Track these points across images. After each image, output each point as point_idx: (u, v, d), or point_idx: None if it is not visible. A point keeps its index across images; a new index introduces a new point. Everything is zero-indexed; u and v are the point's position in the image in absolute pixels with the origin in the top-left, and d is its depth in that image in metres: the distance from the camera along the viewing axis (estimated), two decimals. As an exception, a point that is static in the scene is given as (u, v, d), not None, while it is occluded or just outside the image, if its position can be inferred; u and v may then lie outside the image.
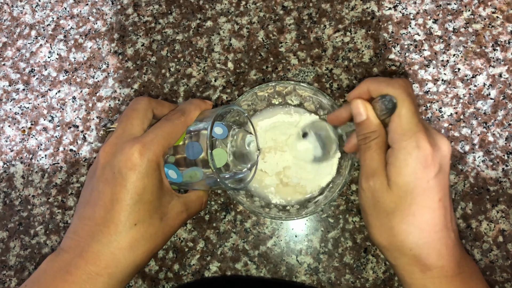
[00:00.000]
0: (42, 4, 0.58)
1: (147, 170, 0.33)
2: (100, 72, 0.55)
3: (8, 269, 0.51)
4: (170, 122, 0.35)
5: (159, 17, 0.56)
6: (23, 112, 0.55)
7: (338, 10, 0.53)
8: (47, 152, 0.53)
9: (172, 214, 0.36)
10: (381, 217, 0.34)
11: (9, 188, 0.53)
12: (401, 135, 0.32)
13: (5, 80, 0.56)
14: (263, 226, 0.48)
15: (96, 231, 0.33)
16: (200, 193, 0.40)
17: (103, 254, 0.33)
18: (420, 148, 0.32)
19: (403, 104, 0.33)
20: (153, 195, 0.34)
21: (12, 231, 0.52)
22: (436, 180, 0.32)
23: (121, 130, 0.35)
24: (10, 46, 0.57)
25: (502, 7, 0.51)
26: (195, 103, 0.38)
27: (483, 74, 0.49)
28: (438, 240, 0.33)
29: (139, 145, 0.33)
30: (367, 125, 0.35)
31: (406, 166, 0.32)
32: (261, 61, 0.52)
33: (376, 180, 0.34)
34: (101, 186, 0.34)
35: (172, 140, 0.35)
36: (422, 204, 0.32)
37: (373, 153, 0.34)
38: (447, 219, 0.33)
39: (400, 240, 0.33)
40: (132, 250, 0.33)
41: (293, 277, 0.47)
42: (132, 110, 0.37)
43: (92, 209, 0.34)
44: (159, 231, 0.35)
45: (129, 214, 0.33)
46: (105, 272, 0.33)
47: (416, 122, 0.32)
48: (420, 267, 0.33)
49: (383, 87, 0.34)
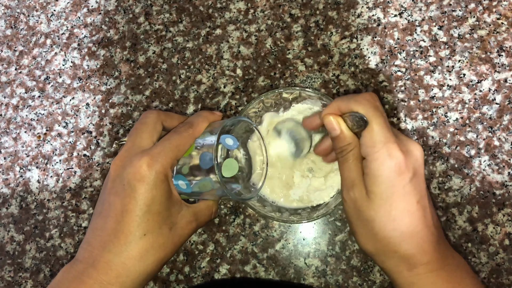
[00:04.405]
0: (57, 13, 0.60)
1: (155, 182, 0.34)
2: (112, 79, 0.56)
3: (24, 271, 0.52)
4: (177, 135, 0.36)
5: (169, 25, 0.57)
6: (39, 118, 0.57)
7: (344, 17, 0.54)
8: (61, 157, 0.55)
9: (182, 224, 0.37)
10: (364, 225, 0.35)
11: (25, 192, 0.55)
12: (372, 148, 0.34)
13: (22, 87, 0.58)
14: (272, 230, 0.49)
15: (107, 242, 0.34)
16: (209, 203, 0.41)
17: (114, 263, 0.34)
18: (392, 157, 0.33)
19: (372, 119, 0.34)
20: (161, 205, 0.35)
21: (28, 234, 0.53)
22: (411, 184, 0.34)
23: (130, 144, 0.37)
24: (26, 55, 0.59)
25: (507, 13, 0.51)
26: (203, 115, 0.39)
27: (488, 80, 0.50)
28: (420, 238, 0.34)
29: (147, 158, 0.34)
30: (342, 138, 0.36)
31: (381, 176, 0.33)
32: (269, 68, 0.54)
33: (355, 190, 0.35)
34: (112, 198, 0.35)
35: (180, 152, 0.36)
36: (401, 209, 0.33)
37: (351, 165, 0.36)
38: (427, 218, 0.34)
39: (384, 245, 0.34)
40: (142, 259, 0.34)
41: (301, 280, 0.48)
42: (142, 123, 0.38)
43: (104, 220, 0.35)
44: (168, 240, 0.36)
45: (139, 224, 0.34)
46: (116, 281, 0.34)
47: (386, 133, 0.34)
48: (406, 267, 0.34)
49: (352, 105, 0.35)
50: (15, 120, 0.57)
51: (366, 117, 0.34)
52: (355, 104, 0.35)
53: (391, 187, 0.33)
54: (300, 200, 0.47)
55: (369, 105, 0.35)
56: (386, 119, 0.35)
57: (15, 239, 0.54)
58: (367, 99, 0.35)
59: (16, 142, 0.57)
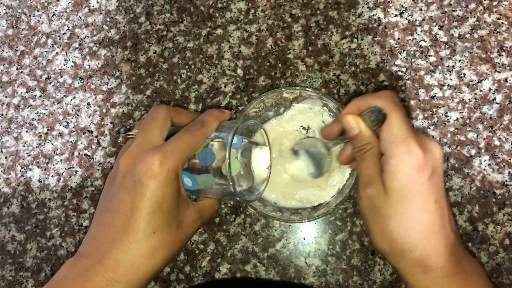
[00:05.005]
0: (58, 13, 0.60)
1: (166, 180, 0.34)
2: (113, 79, 0.57)
3: (25, 270, 0.53)
4: (190, 133, 0.36)
5: (170, 25, 0.57)
6: (40, 118, 0.57)
7: (345, 17, 0.54)
8: (62, 156, 0.55)
9: (188, 222, 0.37)
10: (380, 222, 0.34)
11: (26, 191, 0.55)
12: (392, 142, 0.33)
13: (23, 87, 0.58)
14: (272, 229, 0.49)
15: (115, 239, 0.34)
16: (212, 201, 0.40)
17: (122, 261, 0.33)
18: (411, 153, 0.33)
19: (392, 113, 0.34)
20: (171, 204, 0.34)
21: (29, 233, 0.54)
22: (430, 183, 0.33)
23: (141, 139, 0.36)
24: (27, 54, 0.60)
25: (507, 13, 0.51)
26: (214, 114, 0.39)
27: (488, 79, 0.50)
28: (437, 240, 0.33)
29: (160, 155, 0.34)
30: (361, 137, 0.36)
31: (399, 172, 0.33)
32: (269, 68, 0.54)
33: (373, 187, 0.35)
34: (121, 194, 0.34)
35: (191, 151, 0.36)
36: (419, 207, 0.33)
37: (369, 163, 0.35)
38: (444, 219, 0.34)
39: (400, 243, 0.34)
40: (150, 258, 0.34)
41: (302, 279, 0.48)
42: (152, 119, 0.37)
43: (112, 216, 0.34)
44: (176, 239, 0.36)
45: (148, 222, 0.33)
46: (123, 279, 0.33)
47: (406, 128, 0.33)
48: (421, 269, 0.34)
49: (370, 101, 0.35)
50: (16, 119, 0.58)
51: (384, 110, 0.34)
52: (373, 99, 0.35)
53: (410, 183, 0.33)
54: (301, 200, 0.47)
55: (389, 100, 0.34)
56: (405, 115, 0.35)
57: (16, 238, 0.54)
58: (386, 94, 0.35)
59: (17, 142, 0.57)
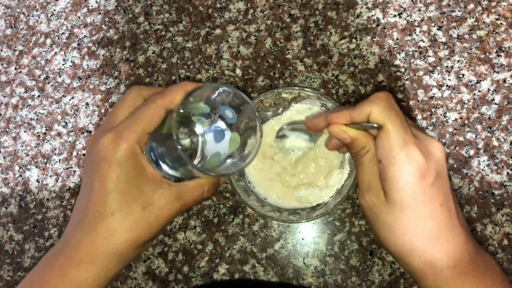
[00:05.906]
0: (57, 13, 0.60)
1: (119, 159, 0.32)
2: (112, 79, 0.57)
3: (23, 270, 0.52)
4: (144, 106, 0.34)
5: (169, 25, 0.57)
6: (38, 118, 0.57)
7: (343, 17, 0.54)
8: (61, 156, 0.55)
9: (160, 204, 0.34)
10: (384, 229, 0.33)
11: (24, 191, 0.55)
12: (390, 151, 0.31)
13: (21, 87, 0.58)
14: (271, 229, 0.49)
15: (78, 220, 0.34)
16: (201, 181, 0.37)
17: (83, 241, 0.33)
18: (412, 161, 0.31)
19: (386, 120, 0.31)
20: (129, 184, 0.33)
21: (27, 234, 0.53)
22: (434, 188, 0.31)
23: (106, 121, 0.35)
24: (26, 54, 0.59)
25: (506, 14, 0.51)
26: (180, 84, 0.35)
27: (487, 80, 0.50)
28: (447, 242, 0.32)
29: (112, 134, 0.33)
30: (355, 144, 0.34)
31: (399, 182, 0.31)
32: (268, 68, 0.54)
33: (372, 194, 0.33)
34: (85, 178, 0.35)
35: (147, 125, 0.33)
36: (424, 214, 0.31)
37: (366, 167, 0.34)
38: (453, 219, 0.32)
39: (407, 249, 0.32)
40: (111, 239, 0.33)
41: (300, 280, 0.48)
42: (120, 100, 0.36)
43: (79, 200, 0.35)
44: (141, 220, 0.34)
45: (105, 203, 0.33)
46: (86, 258, 0.33)
47: (403, 135, 0.31)
48: (432, 270, 0.32)
49: (364, 108, 0.33)
50: (14, 119, 0.57)
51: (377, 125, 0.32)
52: (367, 104, 0.32)
53: (412, 193, 0.31)
54: (299, 200, 0.47)
55: (383, 104, 0.32)
56: (402, 118, 0.33)
57: (14, 238, 0.54)
58: (380, 97, 0.32)
59: (15, 142, 0.57)
